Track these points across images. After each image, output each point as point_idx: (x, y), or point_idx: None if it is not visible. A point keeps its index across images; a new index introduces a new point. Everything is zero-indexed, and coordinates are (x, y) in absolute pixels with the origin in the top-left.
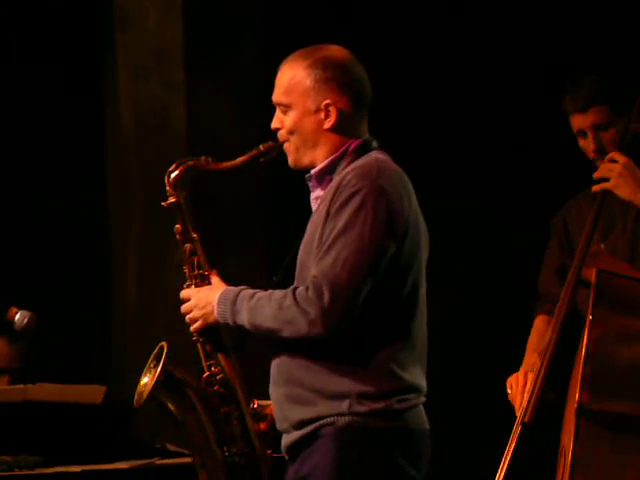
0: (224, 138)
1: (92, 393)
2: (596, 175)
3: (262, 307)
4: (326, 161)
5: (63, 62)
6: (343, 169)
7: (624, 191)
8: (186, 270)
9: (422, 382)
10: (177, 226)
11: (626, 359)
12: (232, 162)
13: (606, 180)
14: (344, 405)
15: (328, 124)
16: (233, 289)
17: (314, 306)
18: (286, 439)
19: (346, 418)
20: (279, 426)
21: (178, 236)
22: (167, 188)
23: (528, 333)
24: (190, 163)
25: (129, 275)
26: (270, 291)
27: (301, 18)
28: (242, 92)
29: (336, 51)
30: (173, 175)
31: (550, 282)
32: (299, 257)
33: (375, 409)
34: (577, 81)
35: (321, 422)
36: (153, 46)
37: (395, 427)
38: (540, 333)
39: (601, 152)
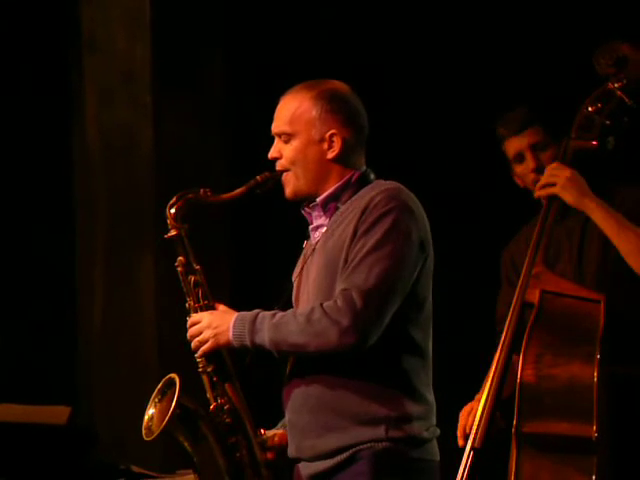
0: (191, 160)
1: (57, 414)
2: (541, 182)
3: (287, 323)
4: (331, 189)
5: (31, 83)
6: (348, 198)
7: (571, 195)
8: (190, 302)
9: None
10: (180, 258)
11: (563, 379)
12: (230, 194)
13: (552, 185)
14: (381, 430)
15: (332, 154)
16: (250, 312)
17: (346, 314)
18: (312, 467)
19: (384, 443)
20: (296, 454)
21: (180, 268)
22: (168, 221)
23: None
24: (190, 196)
25: (95, 295)
26: (292, 309)
27: (269, 43)
28: (209, 114)
29: (339, 85)
30: (174, 208)
31: (505, 317)
32: (315, 280)
33: (409, 434)
34: (509, 111)
35: (358, 447)
36: (121, 68)
37: (423, 457)
38: None
39: (541, 171)
